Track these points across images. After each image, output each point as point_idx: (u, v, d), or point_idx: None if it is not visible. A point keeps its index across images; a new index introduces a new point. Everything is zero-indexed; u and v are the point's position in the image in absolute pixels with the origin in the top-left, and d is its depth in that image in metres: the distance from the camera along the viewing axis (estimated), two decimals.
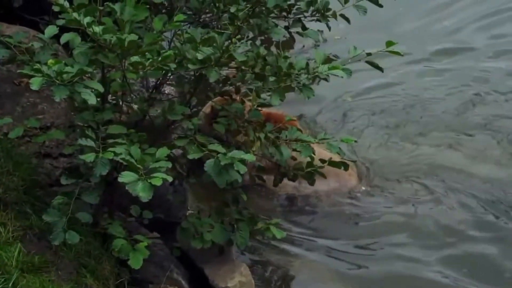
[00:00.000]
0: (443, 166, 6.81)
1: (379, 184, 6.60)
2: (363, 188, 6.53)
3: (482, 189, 6.51)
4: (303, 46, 8.02)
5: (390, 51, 4.52)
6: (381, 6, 4.98)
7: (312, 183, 5.02)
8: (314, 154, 4.79)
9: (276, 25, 4.78)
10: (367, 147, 7.01)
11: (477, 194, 6.45)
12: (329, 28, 5.22)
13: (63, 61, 4.00)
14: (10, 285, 3.96)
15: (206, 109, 6.11)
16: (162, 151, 4.04)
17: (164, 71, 4.36)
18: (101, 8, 4.20)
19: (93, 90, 3.98)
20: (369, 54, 4.59)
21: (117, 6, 4.12)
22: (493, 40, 8.76)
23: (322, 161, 4.87)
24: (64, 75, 3.88)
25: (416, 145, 7.10)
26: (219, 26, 4.74)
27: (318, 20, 5.14)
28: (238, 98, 5.10)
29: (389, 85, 7.89)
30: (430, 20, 9.09)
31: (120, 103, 4.59)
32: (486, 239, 5.99)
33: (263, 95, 4.82)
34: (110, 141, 4.13)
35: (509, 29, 8.94)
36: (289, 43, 5.65)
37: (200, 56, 4.32)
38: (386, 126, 7.35)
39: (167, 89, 6.57)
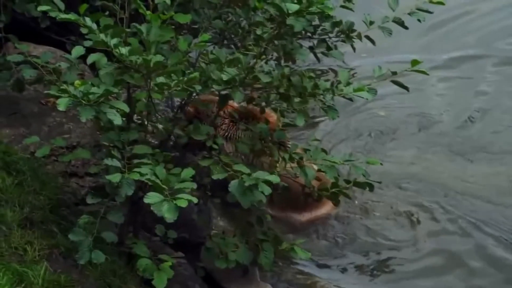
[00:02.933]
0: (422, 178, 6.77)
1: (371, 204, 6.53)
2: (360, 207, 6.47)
3: (480, 211, 6.42)
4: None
5: (415, 71, 4.50)
6: (406, 28, 4.96)
7: (337, 203, 5.01)
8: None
9: (301, 46, 4.77)
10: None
11: (471, 215, 6.36)
12: (354, 49, 5.21)
13: (90, 82, 4.02)
14: None
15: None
16: (187, 172, 4.05)
17: (189, 92, 4.38)
18: (128, 30, 4.23)
19: (118, 110, 3.99)
20: (394, 73, 4.57)
21: (143, 27, 4.14)
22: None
23: (347, 181, 4.86)
24: (90, 96, 3.90)
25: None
26: (244, 46, 4.75)
27: (342, 41, 5.14)
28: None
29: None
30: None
31: (146, 123, 4.62)
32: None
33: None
34: (136, 161, 4.15)
35: None
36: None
37: (225, 77, 4.33)
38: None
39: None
